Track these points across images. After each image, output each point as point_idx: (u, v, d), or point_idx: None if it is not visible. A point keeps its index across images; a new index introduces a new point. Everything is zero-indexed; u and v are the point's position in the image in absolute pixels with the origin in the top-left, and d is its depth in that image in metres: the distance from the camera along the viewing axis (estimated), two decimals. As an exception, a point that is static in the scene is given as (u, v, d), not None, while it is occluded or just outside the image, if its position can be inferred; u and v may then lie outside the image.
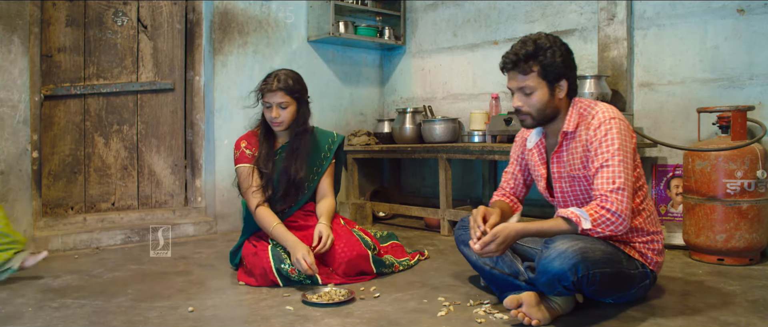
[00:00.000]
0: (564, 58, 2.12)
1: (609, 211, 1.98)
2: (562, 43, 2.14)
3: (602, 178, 2.03)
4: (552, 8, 3.90)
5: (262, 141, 2.80)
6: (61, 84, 3.54)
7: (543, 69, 2.10)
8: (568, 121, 2.17)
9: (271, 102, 2.70)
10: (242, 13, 4.07)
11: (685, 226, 3.00)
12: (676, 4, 3.35)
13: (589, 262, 1.91)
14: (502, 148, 3.45)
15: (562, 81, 2.14)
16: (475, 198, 4.38)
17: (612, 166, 2.02)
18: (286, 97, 2.70)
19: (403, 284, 2.55)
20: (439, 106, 4.59)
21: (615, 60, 3.53)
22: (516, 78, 2.15)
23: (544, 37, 2.13)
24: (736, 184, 2.80)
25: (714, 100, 3.21)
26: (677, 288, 2.43)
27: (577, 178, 2.18)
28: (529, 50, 2.10)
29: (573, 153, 2.17)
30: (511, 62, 2.13)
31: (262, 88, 2.73)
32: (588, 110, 2.16)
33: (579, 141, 2.15)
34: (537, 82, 2.12)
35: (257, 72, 4.14)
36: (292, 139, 2.78)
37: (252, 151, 2.80)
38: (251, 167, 2.76)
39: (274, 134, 2.83)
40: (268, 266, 2.51)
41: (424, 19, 4.72)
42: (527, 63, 2.11)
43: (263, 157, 2.76)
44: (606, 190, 2.01)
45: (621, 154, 2.03)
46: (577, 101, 2.21)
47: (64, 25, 3.56)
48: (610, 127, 2.06)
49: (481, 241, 2.03)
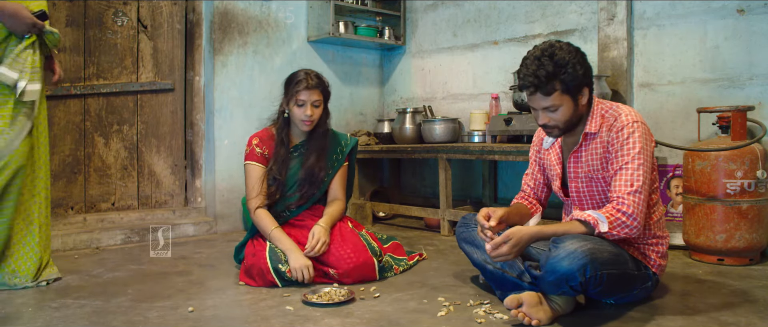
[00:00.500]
0: (584, 68, 2.08)
1: (624, 213, 1.99)
2: (578, 52, 2.09)
3: (621, 180, 2.04)
4: (552, 8, 3.90)
5: (279, 142, 2.80)
6: (61, 84, 3.54)
7: (565, 86, 2.05)
8: (590, 122, 2.17)
9: (306, 100, 2.70)
10: (242, 14, 4.07)
11: (685, 226, 3.00)
12: (676, 4, 3.35)
13: (598, 262, 1.91)
14: (502, 149, 3.45)
15: (584, 89, 2.12)
16: (475, 198, 4.38)
17: (631, 169, 2.03)
18: (321, 95, 2.74)
19: (403, 284, 2.55)
20: (439, 106, 4.59)
21: (615, 60, 3.53)
22: (539, 99, 2.09)
23: (559, 50, 2.05)
24: (736, 184, 2.80)
25: (714, 100, 3.21)
26: (677, 288, 2.43)
27: (595, 178, 2.18)
28: (550, 70, 2.02)
29: (593, 153, 2.17)
30: (532, 85, 2.05)
31: (296, 85, 2.71)
32: (610, 112, 2.17)
33: (600, 142, 2.16)
34: (561, 99, 2.07)
35: (257, 72, 4.14)
36: (312, 138, 2.81)
37: (262, 151, 2.80)
38: (261, 168, 2.77)
39: (290, 134, 2.83)
40: (265, 267, 2.51)
41: (424, 19, 4.72)
42: (550, 83, 2.04)
43: (281, 159, 2.77)
44: (623, 192, 2.02)
45: (641, 158, 2.04)
46: (597, 102, 2.21)
47: (64, 25, 3.56)
48: (633, 131, 2.07)
49: (493, 241, 2.02)
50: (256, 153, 2.79)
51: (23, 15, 2.37)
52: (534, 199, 2.48)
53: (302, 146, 2.84)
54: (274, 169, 2.77)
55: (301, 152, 2.83)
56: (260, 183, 2.76)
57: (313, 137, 2.82)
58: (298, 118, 2.73)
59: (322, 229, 2.63)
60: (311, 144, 2.81)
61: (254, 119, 4.03)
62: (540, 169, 2.47)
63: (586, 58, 2.12)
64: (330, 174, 2.87)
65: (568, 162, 2.27)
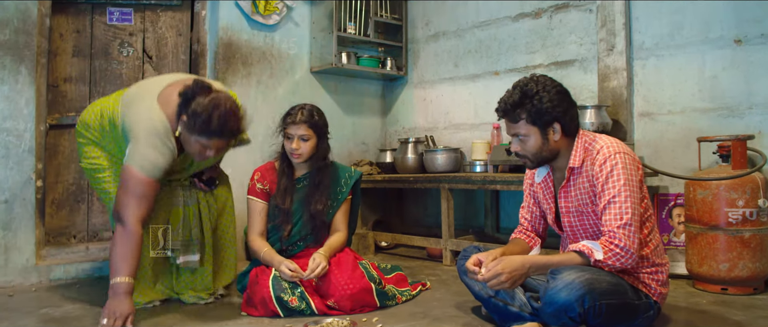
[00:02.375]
0: (554, 102, 2.10)
1: (618, 246, 1.99)
2: (552, 86, 2.12)
3: (610, 215, 2.04)
4: (552, 39, 3.95)
5: (281, 173, 2.86)
6: (66, 113, 3.57)
7: (530, 116, 2.11)
8: (573, 157, 2.18)
9: (293, 134, 2.76)
10: (246, 45, 4.12)
11: (688, 255, 2.99)
12: (675, 34, 3.39)
13: (596, 293, 1.90)
14: (504, 178, 3.46)
15: (555, 124, 2.14)
16: (477, 228, 4.37)
17: (619, 203, 2.03)
18: (309, 130, 2.77)
19: (406, 315, 2.54)
20: (441, 136, 4.61)
21: (615, 90, 3.56)
22: (508, 125, 2.20)
23: (533, 82, 2.13)
24: (737, 213, 2.80)
25: (714, 130, 3.23)
26: (681, 317, 2.42)
27: (585, 212, 2.18)
28: (515, 99, 2.12)
29: (580, 188, 2.18)
30: (501, 110, 2.19)
31: (286, 119, 2.80)
32: (592, 145, 2.17)
33: (585, 176, 2.16)
34: (527, 128, 2.14)
35: (261, 102, 4.18)
36: (314, 172, 2.86)
37: (263, 186, 2.87)
38: (260, 203, 2.85)
39: (293, 166, 2.89)
40: (267, 295, 2.51)
41: (425, 50, 4.78)
42: (515, 111, 2.13)
43: (282, 190, 2.83)
44: (614, 226, 2.02)
45: (627, 190, 2.04)
46: (582, 134, 2.21)
47: (71, 56, 3.61)
48: (616, 163, 2.07)
49: (487, 274, 2.00)
50: (257, 188, 2.87)
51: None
52: (532, 232, 2.46)
53: (305, 179, 2.88)
54: (278, 199, 2.82)
55: (304, 185, 2.88)
56: (259, 217, 2.84)
57: (314, 170, 2.87)
58: (288, 150, 2.80)
59: (321, 255, 2.65)
60: (312, 177, 2.86)
61: (256, 150, 4.05)
62: (535, 201, 2.46)
63: (563, 94, 2.14)
64: (334, 206, 2.90)
65: (559, 197, 2.27)
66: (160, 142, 2.38)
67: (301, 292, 2.53)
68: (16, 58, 3.23)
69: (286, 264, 2.57)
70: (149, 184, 2.38)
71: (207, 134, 2.34)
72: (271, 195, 2.86)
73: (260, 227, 2.83)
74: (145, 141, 2.36)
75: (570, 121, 2.16)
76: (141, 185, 2.36)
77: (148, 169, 2.36)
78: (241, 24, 4.10)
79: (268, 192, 2.87)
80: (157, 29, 3.90)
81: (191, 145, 2.42)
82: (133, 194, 2.35)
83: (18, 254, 3.22)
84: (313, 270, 2.57)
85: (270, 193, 2.87)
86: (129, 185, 2.35)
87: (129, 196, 2.34)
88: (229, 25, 4.03)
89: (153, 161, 2.36)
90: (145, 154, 2.36)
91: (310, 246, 2.85)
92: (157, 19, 3.90)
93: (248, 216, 2.87)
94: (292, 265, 2.57)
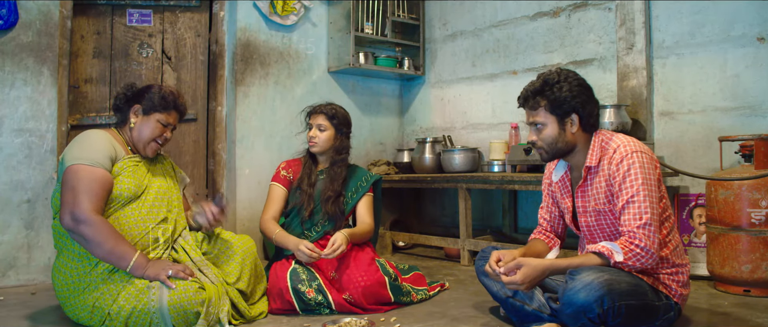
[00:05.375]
0: (573, 92, 2.12)
1: (638, 246, 1.98)
2: (575, 78, 2.15)
3: (629, 215, 2.03)
4: (570, 38, 3.92)
5: (305, 163, 3.04)
6: (87, 114, 3.62)
7: (550, 104, 2.14)
8: (590, 156, 2.17)
9: (312, 123, 2.98)
10: (264, 45, 4.14)
11: (709, 257, 2.95)
12: (695, 33, 3.35)
13: (615, 294, 1.89)
14: (522, 178, 3.44)
15: (573, 115, 2.15)
16: (495, 228, 4.35)
17: (637, 202, 2.02)
18: (326, 121, 2.96)
19: (423, 315, 2.54)
20: (459, 136, 4.60)
21: (634, 89, 3.52)
22: (528, 114, 2.23)
23: (555, 72, 2.17)
24: (761, 213, 2.76)
25: (735, 129, 3.18)
26: (702, 319, 2.39)
27: (603, 212, 2.16)
28: (537, 86, 2.16)
29: (597, 187, 2.16)
30: (522, 98, 2.22)
31: (310, 111, 3.04)
32: (608, 144, 2.16)
33: (602, 175, 2.15)
34: (545, 116, 2.16)
35: (279, 102, 4.20)
36: (331, 165, 2.99)
37: (287, 174, 3.02)
38: (281, 189, 2.99)
39: (317, 160, 3.04)
40: (284, 286, 2.53)
41: (443, 50, 4.77)
42: (535, 99, 2.17)
43: (306, 176, 2.99)
44: (633, 226, 2.00)
45: (645, 189, 2.02)
46: (599, 134, 2.20)
47: (92, 57, 3.66)
48: (633, 162, 2.05)
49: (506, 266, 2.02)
50: (281, 175, 3.02)
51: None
52: (551, 232, 2.45)
53: (325, 172, 3.01)
54: (301, 182, 2.97)
55: (323, 178, 2.99)
56: (276, 202, 2.96)
57: (332, 165, 2.99)
58: (308, 139, 2.99)
59: (342, 235, 2.68)
60: (330, 171, 2.98)
61: (275, 149, 4.08)
62: (554, 201, 2.45)
63: (583, 86, 2.16)
64: (353, 198, 2.97)
65: (576, 196, 2.26)
66: (95, 137, 2.39)
67: (318, 284, 2.55)
68: (38, 59, 3.28)
69: (304, 243, 2.63)
70: (93, 172, 2.25)
71: (164, 107, 2.50)
72: (292, 183, 3.00)
73: (275, 212, 2.93)
74: (78, 143, 2.35)
75: (588, 115, 2.16)
76: (87, 177, 2.23)
77: (88, 159, 2.27)
78: (259, 24, 4.12)
79: (290, 180, 3.01)
80: (175, 30, 3.94)
81: (150, 128, 2.49)
82: (81, 190, 2.20)
83: (40, 253, 3.26)
84: (332, 248, 2.61)
85: (292, 182, 3.00)
86: (74, 183, 2.22)
87: (77, 193, 2.20)
88: (247, 25, 4.06)
89: (90, 153, 2.29)
90: (81, 149, 2.30)
91: (328, 232, 2.88)
92: (175, 21, 3.94)
93: (267, 200, 2.98)
94: (309, 244, 2.63)
